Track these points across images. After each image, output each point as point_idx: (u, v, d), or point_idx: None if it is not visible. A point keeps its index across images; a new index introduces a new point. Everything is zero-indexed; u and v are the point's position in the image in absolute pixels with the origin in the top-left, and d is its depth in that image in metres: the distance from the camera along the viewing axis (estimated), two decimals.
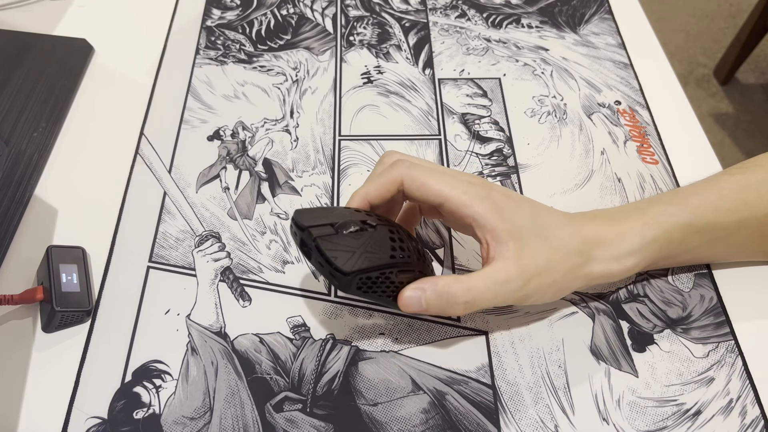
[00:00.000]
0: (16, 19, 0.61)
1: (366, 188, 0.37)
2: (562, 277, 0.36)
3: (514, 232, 0.35)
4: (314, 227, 0.34)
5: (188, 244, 0.45)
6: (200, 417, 0.37)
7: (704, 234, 0.39)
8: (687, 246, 0.40)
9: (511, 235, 0.35)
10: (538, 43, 0.60)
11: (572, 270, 0.37)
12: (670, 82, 0.56)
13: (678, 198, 0.40)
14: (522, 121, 0.53)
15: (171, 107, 0.54)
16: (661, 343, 0.40)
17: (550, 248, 0.36)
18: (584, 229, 0.37)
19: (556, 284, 0.36)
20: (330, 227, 0.34)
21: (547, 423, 0.37)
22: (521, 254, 0.35)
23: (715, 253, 0.42)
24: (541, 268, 0.35)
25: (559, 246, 0.36)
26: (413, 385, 0.38)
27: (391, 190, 0.37)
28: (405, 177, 0.36)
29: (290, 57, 0.58)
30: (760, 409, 0.37)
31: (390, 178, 0.36)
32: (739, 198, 0.39)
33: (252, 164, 0.50)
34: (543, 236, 0.36)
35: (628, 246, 0.38)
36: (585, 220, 0.38)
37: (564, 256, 0.36)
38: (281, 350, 0.40)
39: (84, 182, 0.49)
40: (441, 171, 0.37)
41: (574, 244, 0.36)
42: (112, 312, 0.41)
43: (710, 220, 0.39)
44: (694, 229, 0.39)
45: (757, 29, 1.52)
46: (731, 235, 0.40)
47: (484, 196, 0.35)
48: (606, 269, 0.38)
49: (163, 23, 0.62)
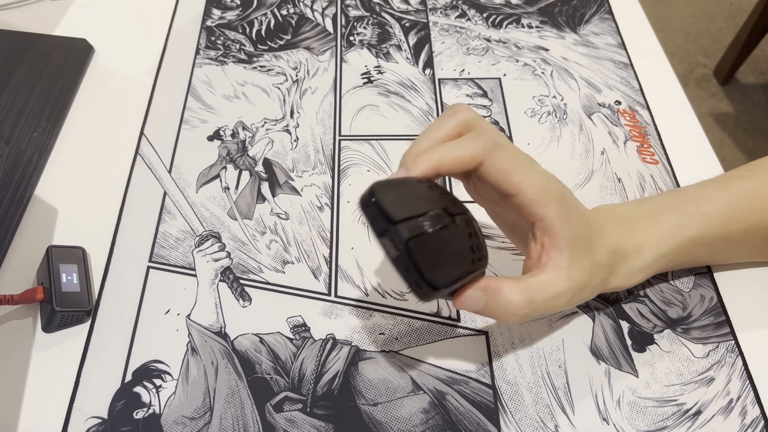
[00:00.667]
0: (16, 19, 0.61)
1: (439, 155, 0.31)
2: (591, 291, 0.35)
3: (573, 240, 0.33)
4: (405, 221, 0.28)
5: (188, 244, 0.45)
6: (200, 417, 0.37)
7: (712, 246, 0.39)
8: (692, 257, 0.40)
9: (569, 243, 0.33)
10: (538, 43, 0.60)
11: (600, 284, 0.35)
12: (670, 82, 0.56)
13: (691, 205, 0.39)
14: (522, 121, 0.53)
15: (171, 107, 0.54)
16: (661, 343, 0.40)
17: (592, 262, 0.34)
18: (613, 238, 0.35)
19: (585, 297, 0.35)
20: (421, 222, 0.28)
21: (547, 423, 0.37)
22: (572, 266, 0.33)
23: (716, 258, 0.42)
24: (584, 283, 0.34)
25: (597, 260, 0.34)
26: (413, 385, 0.38)
27: (466, 166, 0.32)
28: (487, 159, 0.31)
29: (290, 57, 0.58)
30: (760, 409, 0.37)
31: (471, 154, 0.31)
32: (748, 206, 0.39)
33: (252, 164, 0.50)
34: (590, 248, 0.34)
35: (642, 262, 0.37)
36: (611, 224, 0.36)
37: (598, 270, 0.35)
38: (281, 350, 0.40)
39: (84, 182, 0.49)
40: (523, 159, 0.32)
41: (605, 258, 0.35)
42: (112, 312, 0.41)
43: (719, 232, 0.38)
44: (704, 242, 0.39)
45: (757, 29, 1.52)
46: (737, 244, 0.40)
47: (559, 197, 0.32)
48: (619, 284, 0.37)
49: (163, 23, 0.62)
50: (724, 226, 0.38)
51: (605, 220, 0.36)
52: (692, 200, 0.39)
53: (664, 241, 0.37)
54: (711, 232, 0.38)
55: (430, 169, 0.31)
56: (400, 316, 0.41)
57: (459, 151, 0.31)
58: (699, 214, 0.38)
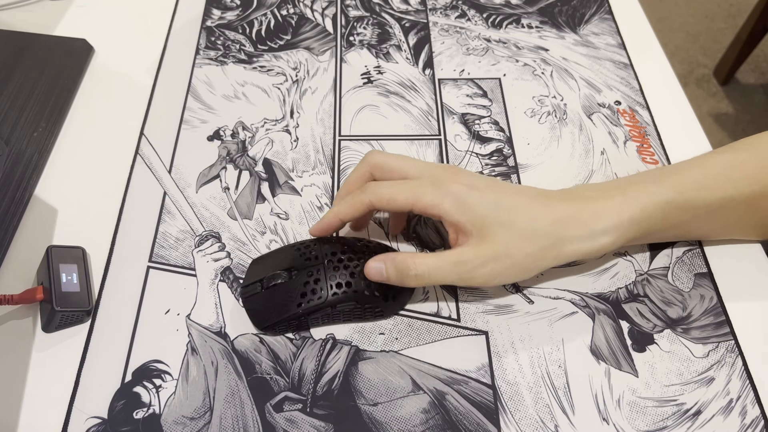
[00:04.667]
0: (16, 19, 0.61)
1: (338, 208, 0.41)
2: (524, 259, 0.38)
3: (477, 221, 0.37)
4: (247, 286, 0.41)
5: (188, 244, 0.45)
6: (200, 417, 0.37)
7: (686, 211, 0.40)
8: (669, 223, 0.41)
9: (474, 224, 0.37)
10: (538, 43, 0.60)
11: (538, 251, 0.38)
12: (670, 82, 0.56)
13: (660, 176, 0.40)
14: (522, 121, 0.53)
15: (171, 107, 0.54)
16: (661, 343, 0.40)
17: (511, 233, 0.38)
18: (557, 209, 0.39)
19: (517, 265, 0.39)
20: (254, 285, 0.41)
21: (547, 423, 0.37)
22: (481, 241, 0.37)
23: (701, 229, 0.43)
24: (499, 252, 0.38)
25: (521, 230, 0.38)
26: (413, 385, 0.38)
27: (361, 210, 0.40)
28: (372, 198, 0.39)
29: (290, 57, 0.58)
30: (760, 409, 0.37)
31: (359, 200, 0.40)
32: (723, 175, 0.40)
33: (252, 164, 0.50)
34: (505, 222, 0.38)
35: (603, 224, 0.38)
36: (561, 200, 0.39)
37: (527, 239, 0.38)
38: (281, 350, 0.40)
39: (84, 182, 0.49)
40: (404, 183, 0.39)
41: (541, 225, 0.38)
42: (112, 312, 0.41)
43: (690, 198, 0.39)
44: (674, 206, 0.39)
45: (757, 29, 1.52)
46: (714, 212, 0.40)
47: (445, 193, 0.38)
48: (578, 248, 0.39)
49: (163, 23, 0.62)
50: (697, 192, 0.39)
51: (548, 198, 0.40)
52: (663, 171, 0.41)
53: (627, 205, 0.39)
54: (681, 196, 0.39)
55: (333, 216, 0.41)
56: (400, 316, 0.41)
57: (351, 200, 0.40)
58: (668, 181, 0.40)
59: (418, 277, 0.38)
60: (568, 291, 0.43)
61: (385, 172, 0.41)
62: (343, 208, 0.40)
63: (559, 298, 0.42)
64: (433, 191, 0.38)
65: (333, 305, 0.39)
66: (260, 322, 0.40)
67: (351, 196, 0.40)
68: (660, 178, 0.40)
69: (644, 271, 0.44)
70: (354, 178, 0.42)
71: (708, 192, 0.39)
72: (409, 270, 0.38)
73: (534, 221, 0.38)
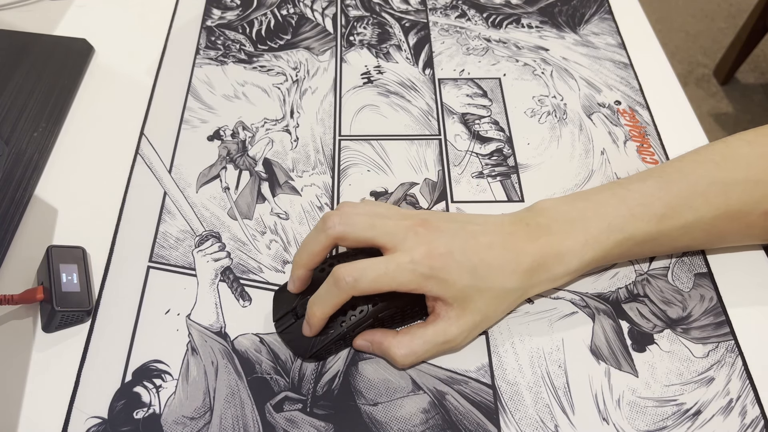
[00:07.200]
0: (16, 19, 0.61)
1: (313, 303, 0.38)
2: (498, 315, 0.40)
3: (458, 295, 0.37)
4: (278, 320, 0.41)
5: (188, 244, 0.45)
6: (200, 417, 0.37)
7: (646, 244, 0.40)
8: (629, 255, 0.42)
9: (456, 299, 0.37)
10: (538, 43, 0.60)
11: (510, 305, 0.40)
12: (670, 82, 0.56)
13: (623, 207, 0.39)
14: (522, 121, 0.53)
15: (171, 107, 0.54)
16: (661, 343, 0.40)
17: (488, 297, 0.38)
18: (525, 258, 0.38)
19: (489, 321, 0.40)
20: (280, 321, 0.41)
21: (547, 423, 0.37)
22: (463, 312, 0.37)
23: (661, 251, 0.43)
24: (479, 321, 0.38)
25: (497, 292, 0.38)
26: (413, 385, 0.38)
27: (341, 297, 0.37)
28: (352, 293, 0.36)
29: (290, 57, 0.58)
30: (760, 409, 0.37)
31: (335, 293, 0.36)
32: (685, 204, 0.39)
33: (252, 164, 0.50)
34: (483, 289, 0.37)
35: (565, 268, 0.39)
36: (528, 240, 0.38)
37: (502, 299, 0.39)
38: (281, 350, 0.40)
39: (84, 182, 0.49)
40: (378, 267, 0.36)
41: (513, 283, 0.38)
42: (112, 312, 0.41)
43: (653, 231, 0.39)
44: (634, 242, 0.40)
45: (757, 29, 1.52)
46: (675, 240, 0.41)
47: (427, 274, 0.36)
48: (541, 289, 0.40)
49: (163, 23, 0.62)
50: (658, 225, 0.39)
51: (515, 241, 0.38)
52: (627, 201, 0.40)
53: (589, 247, 0.39)
54: (642, 232, 0.39)
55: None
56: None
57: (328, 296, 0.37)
58: (630, 217, 0.39)
59: (406, 366, 0.39)
60: (568, 291, 0.43)
61: (350, 244, 0.38)
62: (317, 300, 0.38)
63: (559, 298, 0.42)
64: (411, 272, 0.36)
65: (375, 316, 0.39)
66: (304, 352, 0.39)
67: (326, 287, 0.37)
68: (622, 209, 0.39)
69: (644, 271, 0.44)
70: (317, 250, 0.38)
71: (670, 222, 0.39)
72: (396, 361, 0.38)
73: (507, 280, 0.38)
